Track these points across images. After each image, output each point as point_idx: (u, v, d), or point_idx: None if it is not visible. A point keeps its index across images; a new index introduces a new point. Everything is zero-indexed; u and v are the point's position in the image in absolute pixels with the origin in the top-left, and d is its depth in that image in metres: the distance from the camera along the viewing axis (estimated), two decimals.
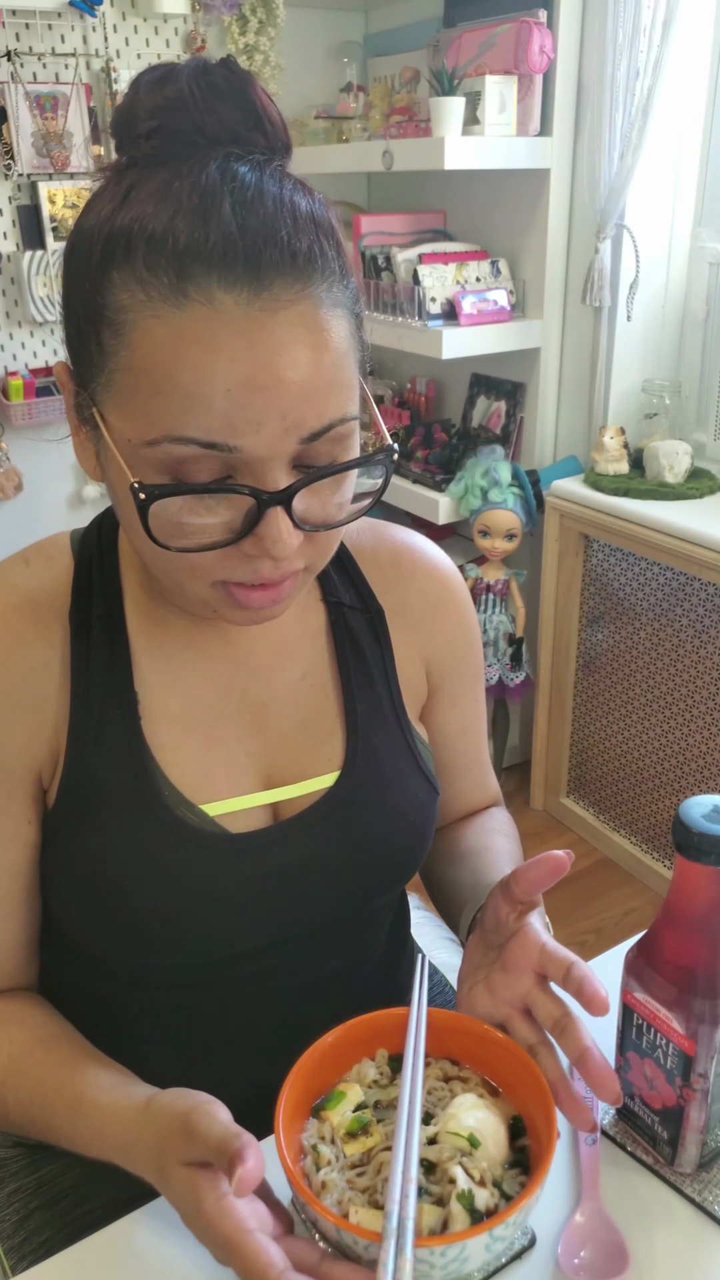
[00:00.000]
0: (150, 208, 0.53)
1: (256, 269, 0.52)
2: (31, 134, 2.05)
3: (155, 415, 0.53)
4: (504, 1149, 0.60)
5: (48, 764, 0.69)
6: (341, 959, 0.78)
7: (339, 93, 2.42)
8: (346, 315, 0.57)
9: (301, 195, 0.56)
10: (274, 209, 0.53)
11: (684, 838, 0.59)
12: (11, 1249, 0.77)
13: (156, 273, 0.52)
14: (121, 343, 0.54)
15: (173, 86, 0.55)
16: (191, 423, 0.53)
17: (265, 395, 0.53)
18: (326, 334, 0.55)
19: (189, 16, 2.15)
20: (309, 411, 0.54)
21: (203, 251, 0.52)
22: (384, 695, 0.76)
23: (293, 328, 0.53)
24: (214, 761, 0.71)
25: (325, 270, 0.55)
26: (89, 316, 0.55)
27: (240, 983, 0.74)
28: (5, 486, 2.24)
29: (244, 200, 0.53)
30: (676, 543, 1.81)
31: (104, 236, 0.54)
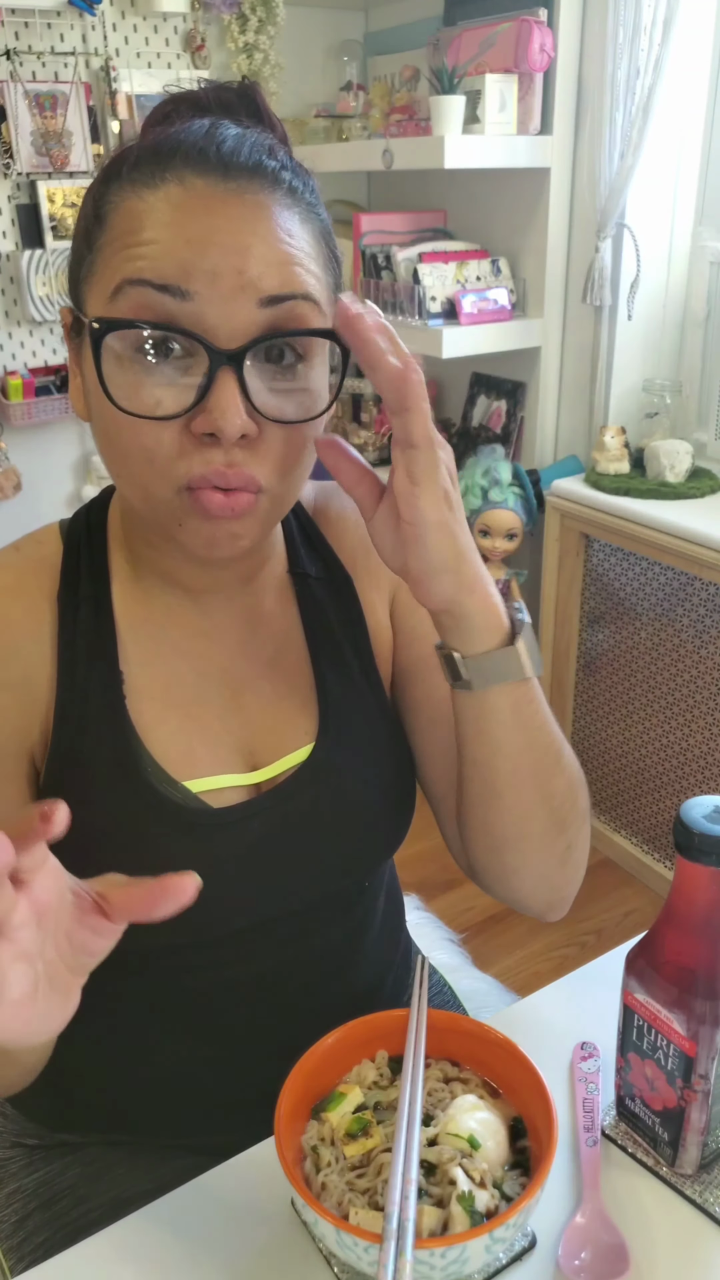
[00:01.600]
0: (146, 142, 0.60)
1: (227, 165, 0.58)
2: (30, 133, 2.05)
3: (119, 267, 0.57)
4: (504, 1150, 0.60)
5: (39, 742, 0.69)
6: (334, 940, 0.79)
7: (339, 91, 2.42)
8: (317, 223, 0.62)
9: (282, 149, 0.62)
10: (255, 139, 0.60)
11: (685, 838, 0.59)
12: (10, 1249, 0.77)
13: (142, 164, 0.58)
14: (103, 227, 0.59)
15: (186, 93, 0.63)
16: (149, 267, 0.56)
17: (223, 251, 0.56)
18: (292, 225, 0.59)
19: (188, 15, 2.14)
20: (267, 273, 0.57)
21: (184, 151, 0.58)
22: (354, 664, 0.76)
23: (256, 211, 0.58)
24: (195, 739, 0.72)
25: (294, 184, 0.60)
26: (84, 229, 0.61)
27: (233, 964, 0.74)
28: (4, 486, 2.24)
29: (227, 135, 0.59)
30: (677, 542, 1.81)
31: (104, 170, 0.61)
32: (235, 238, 0.56)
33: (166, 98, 0.64)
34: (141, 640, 0.71)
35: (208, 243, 0.56)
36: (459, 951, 1.11)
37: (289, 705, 0.74)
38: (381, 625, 0.79)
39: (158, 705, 0.71)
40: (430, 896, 2.09)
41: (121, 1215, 0.65)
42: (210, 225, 0.56)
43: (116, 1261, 0.63)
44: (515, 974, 1.90)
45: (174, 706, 0.71)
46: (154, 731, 0.70)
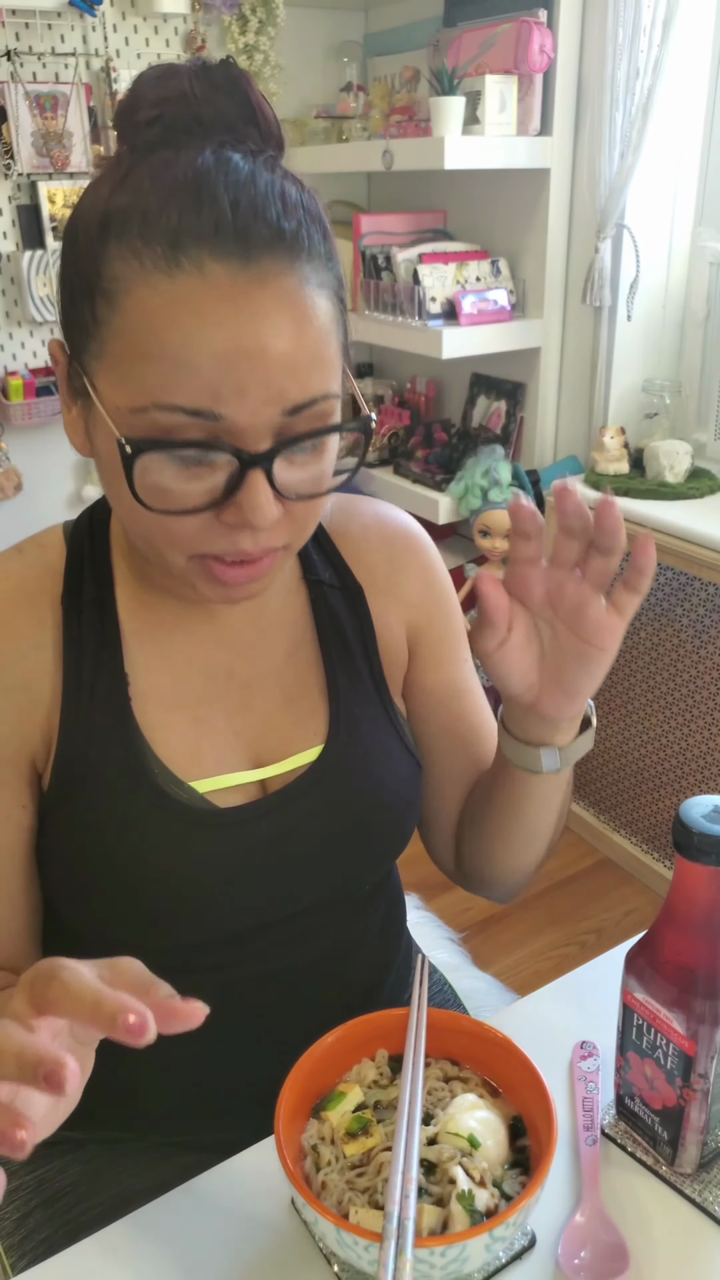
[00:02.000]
0: (146, 186, 0.56)
1: (246, 243, 0.55)
2: (31, 133, 2.05)
3: (144, 381, 0.55)
4: (504, 1149, 0.60)
5: (41, 747, 0.69)
6: (336, 941, 0.79)
7: (339, 92, 2.42)
8: (331, 297, 0.59)
9: (292, 184, 0.58)
10: (265, 191, 0.56)
11: (684, 838, 0.59)
12: (11, 1247, 0.77)
13: (152, 245, 0.55)
14: (114, 310, 0.56)
15: (174, 82, 0.58)
16: (178, 389, 0.55)
17: (250, 363, 0.55)
18: (311, 310, 0.57)
19: (189, 16, 2.14)
20: (292, 383, 0.56)
21: (195, 227, 0.54)
22: (365, 671, 0.77)
23: (279, 299, 0.55)
24: (202, 740, 0.72)
25: (312, 251, 0.57)
26: (84, 288, 0.57)
27: (238, 964, 0.74)
28: (5, 486, 2.24)
29: (236, 181, 0.56)
30: (677, 543, 1.81)
31: (101, 214, 0.57)
32: (260, 342, 0.55)
33: (148, 93, 0.59)
34: (147, 643, 0.71)
35: (235, 354, 0.54)
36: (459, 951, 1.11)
37: (299, 707, 0.75)
38: (396, 640, 0.80)
39: (164, 707, 0.71)
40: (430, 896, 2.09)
41: (122, 1213, 0.66)
42: (236, 334, 0.54)
43: (117, 1259, 0.63)
44: (515, 973, 1.90)
45: (180, 708, 0.71)
46: (160, 733, 0.70)
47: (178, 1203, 0.66)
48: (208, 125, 0.58)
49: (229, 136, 0.58)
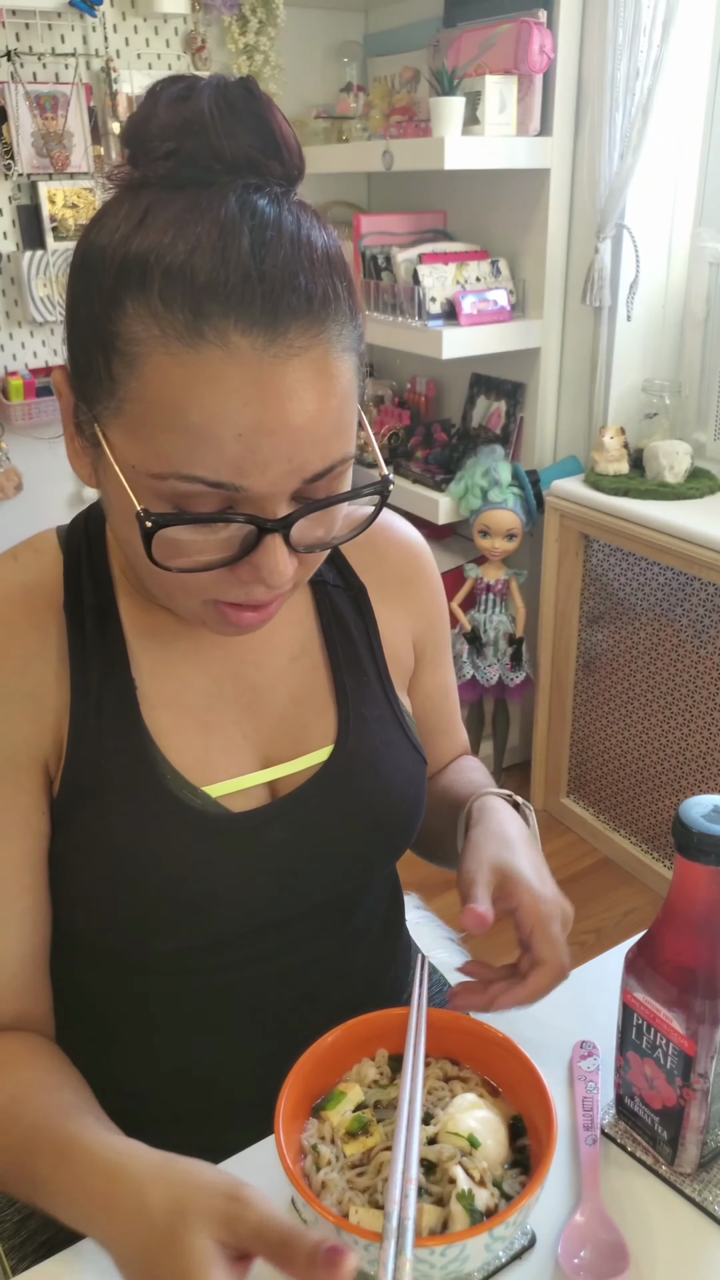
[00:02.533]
0: (168, 238, 0.53)
1: (274, 313, 0.52)
2: (31, 134, 2.05)
3: (163, 450, 0.54)
4: (504, 1149, 0.60)
5: (53, 753, 0.69)
6: (339, 938, 0.79)
7: (339, 93, 2.42)
8: (353, 356, 0.58)
9: (317, 230, 0.56)
10: (292, 249, 0.54)
11: (684, 838, 0.59)
12: (12, 1249, 0.77)
13: (172, 309, 0.52)
14: (132, 374, 0.54)
15: (193, 105, 0.55)
16: (199, 463, 0.54)
17: (273, 440, 0.54)
18: (335, 379, 0.56)
19: (189, 16, 2.14)
20: (314, 454, 0.56)
21: (221, 292, 0.52)
22: (371, 670, 0.78)
23: (304, 373, 0.54)
24: (212, 744, 0.72)
25: (338, 314, 0.56)
26: (97, 339, 0.55)
27: (246, 964, 0.74)
28: (5, 486, 2.24)
29: (263, 240, 0.53)
30: (676, 543, 1.81)
31: (118, 260, 0.54)
32: (285, 419, 0.54)
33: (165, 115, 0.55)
34: (152, 649, 0.71)
35: (259, 433, 0.53)
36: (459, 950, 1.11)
37: (307, 708, 0.75)
38: (401, 644, 0.82)
39: (172, 712, 0.71)
40: (430, 896, 2.09)
41: None
42: (261, 412, 0.53)
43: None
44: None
45: (188, 713, 0.71)
46: (170, 739, 0.70)
47: None
48: (227, 160, 0.55)
49: (251, 176, 0.55)
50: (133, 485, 0.56)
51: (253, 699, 0.74)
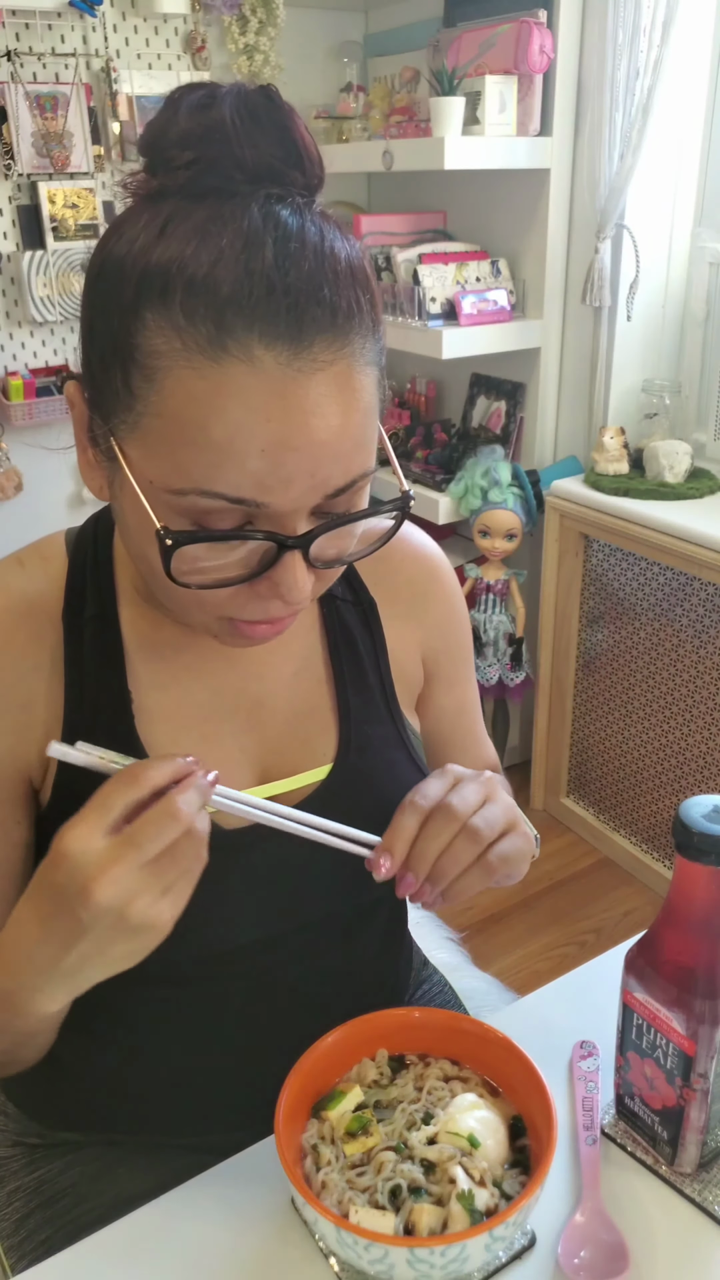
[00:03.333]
0: (190, 249, 0.52)
1: (298, 327, 0.52)
2: (31, 134, 2.05)
3: (184, 466, 0.53)
4: (504, 1149, 0.60)
5: (37, 764, 0.69)
6: (339, 954, 0.79)
7: (339, 93, 2.42)
8: (375, 369, 0.57)
9: (340, 241, 0.55)
10: (316, 261, 0.53)
11: (684, 838, 0.59)
12: (11, 1248, 0.77)
13: (195, 322, 0.51)
14: (152, 388, 0.53)
15: (214, 113, 0.54)
16: (221, 479, 0.53)
17: (297, 456, 0.53)
18: (358, 393, 0.55)
19: (189, 16, 2.14)
20: (336, 470, 0.55)
21: (245, 305, 0.51)
22: (376, 687, 0.77)
23: (328, 388, 0.53)
24: (209, 758, 0.71)
25: (361, 327, 0.55)
26: (115, 352, 0.54)
27: (238, 978, 0.74)
28: (5, 486, 2.24)
29: (287, 251, 0.52)
30: (676, 543, 1.81)
31: (138, 271, 0.53)
32: (309, 435, 0.53)
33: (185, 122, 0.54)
34: (152, 661, 0.70)
35: (282, 449, 0.52)
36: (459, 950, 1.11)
37: (308, 725, 0.74)
38: (410, 659, 0.81)
39: (170, 726, 0.70)
40: None
41: (122, 1214, 0.66)
42: (284, 428, 0.52)
43: (116, 1260, 0.63)
44: (515, 973, 1.90)
45: (187, 727, 0.71)
46: (165, 751, 0.69)
47: (177, 1203, 0.66)
48: (249, 170, 0.54)
49: (272, 185, 0.54)
50: (150, 501, 0.56)
51: (253, 712, 0.73)
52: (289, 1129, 0.58)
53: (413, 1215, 0.56)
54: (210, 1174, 0.68)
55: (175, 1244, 0.63)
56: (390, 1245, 0.52)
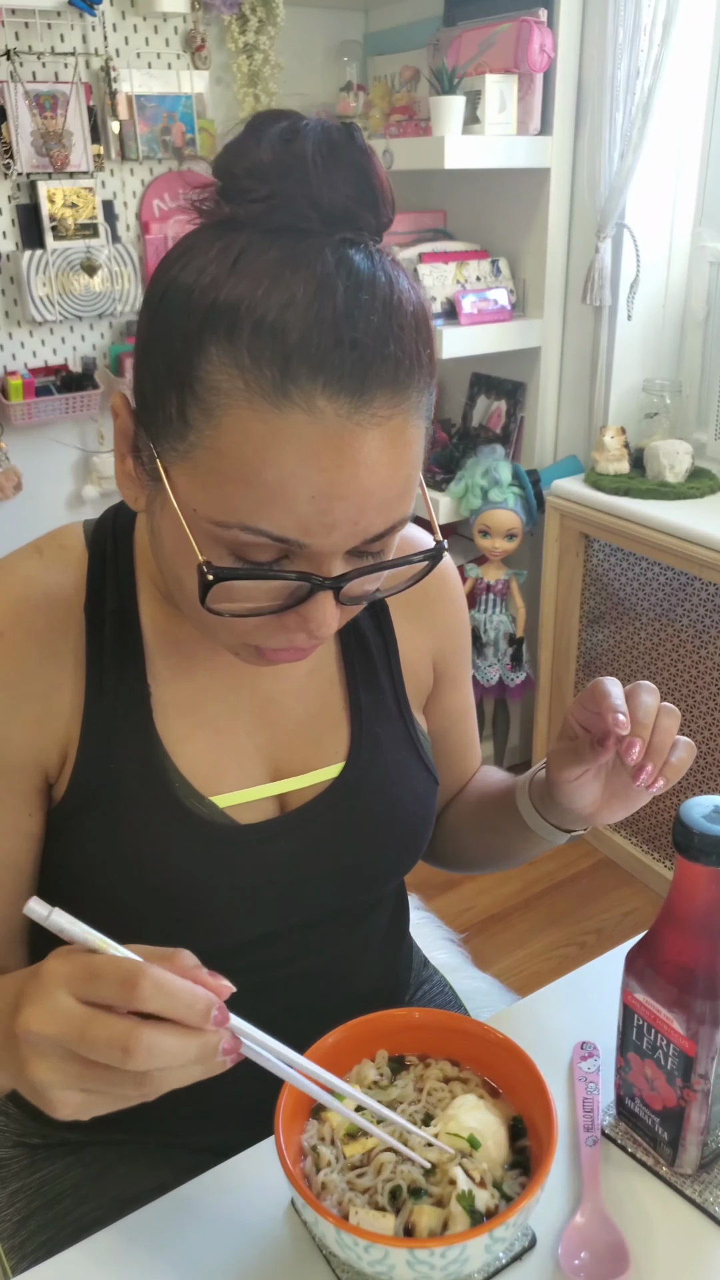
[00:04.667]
0: (261, 289, 0.51)
1: (362, 381, 0.52)
2: (31, 133, 2.05)
3: (232, 502, 0.54)
4: (504, 1150, 0.60)
5: (55, 757, 0.69)
6: (342, 949, 0.79)
7: (339, 92, 2.42)
8: (425, 422, 0.58)
9: (407, 290, 0.55)
10: (384, 314, 0.53)
11: (684, 838, 0.59)
12: (12, 1249, 0.77)
13: (260, 365, 0.51)
14: (209, 423, 0.53)
15: (296, 149, 0.53)
16: (267, 518, 0.54)
17: (344, 505, 0.54)
18: (409, 447, 0.56)
19: (189, 15, 2.14)
20: (378, 518, 0.56)
21: (312, 354, 0.51)
22: (387, 688, 0.78)
23: (382, 441, 0.54)
24: (223, 754, 0.72)
25: (420, 382, 0.55)
26: (174, 380, 0.54)
27: (242, 972, 0.74)
28: (5, 486, 2.24)
29: (357, 302, 0.52)
30: (677, 542, 1.81)
31: (206, 304, 0.52)
32: (358, 487, 0.54)
33: (267, 154, 0.53)
34: (170, 655, 0.71)
35: (330, 497, 0.53)
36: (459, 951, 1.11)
37: (320, 724, 0.75)
38: (420, 662, 0.81)
39: (186, 721, 0.71)
40: (430, 896, 2.09)
41: (123, 1215, 0.66)
42: (336, 478, 0.53)
43: (117, 1261, 0.63)
44: (515, 974, 1.90)
45: (202, 723, 0.71)
46: (181, 746, 0.70)
47: (178, 1204, 0.66)
48: (324, 210, 0.53)
49: (346, 225, 0.54)
50: (192, 528, 0.56)
51: (267, 710, 0.74)
52: (289, 1130, 0.58)
53: (413, 1216, 0.56)
54: (211, 1175, 0.68)
55: (176, 1245, 0.63)
56: (390, 1246, 0.52)
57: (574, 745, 0.70)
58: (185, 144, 2.20)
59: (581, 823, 0.76)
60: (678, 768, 0.66)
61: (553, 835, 0.79)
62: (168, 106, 2.17)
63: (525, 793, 0.79)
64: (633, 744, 0.64)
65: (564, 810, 0.74)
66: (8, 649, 0.67)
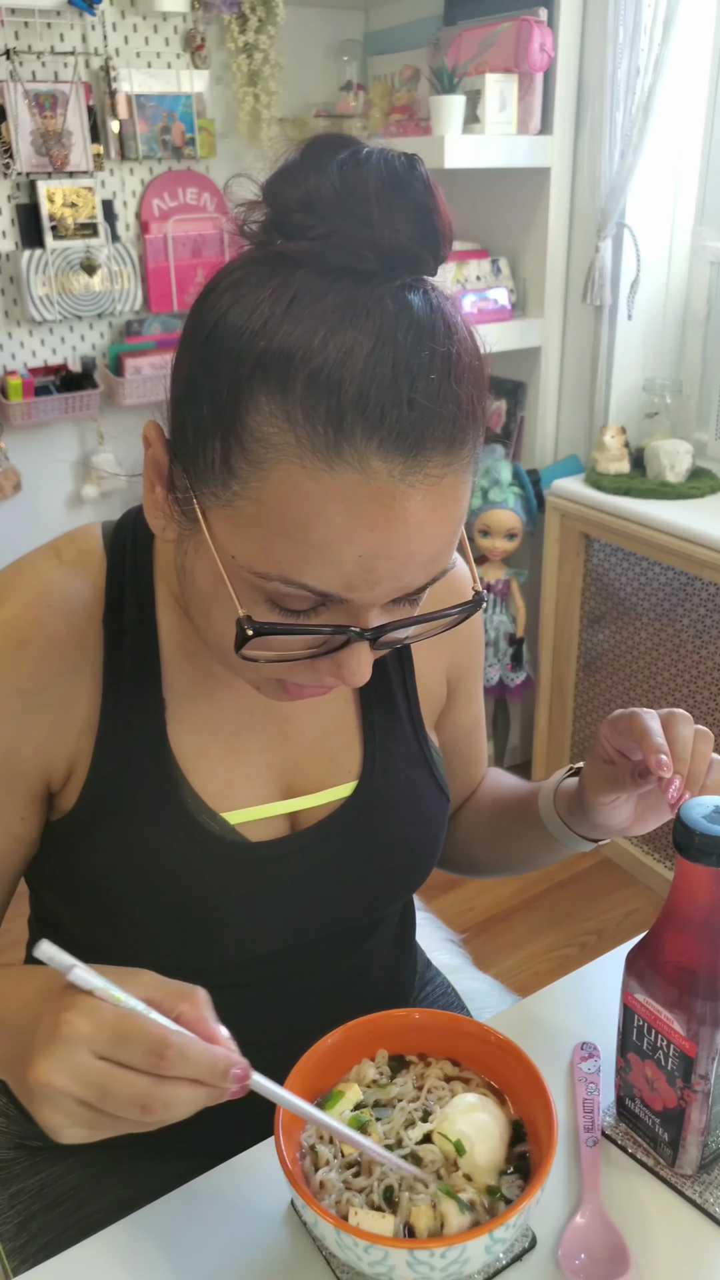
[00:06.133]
0: (317, 339, 0.49)
1: (418, 443, 0.50)
2: (30, 132, 2.04)
3: (276, 555, 0.52)
4: (498, 1152, 0.60)
5: (62, 767, 0.68)
6: (349, 963, 0.79)
7: (339, 91, 2.41)
8: (473, 475, 0.56)
9: (464, 339, 0.53)
10: (443, 370, 0.51)
11: (685, 838, 0.59)
12: (14, 1250, 0.77)
13: (314, 421, 0.49)
14: (256, 474, 0.51)
15: (355, 183, 0.50)
16: (311, 573, 0.52)
17: (391, 564, 0.53)
18: (459, 505, 0.55)
19: (188, 15, 2.14)
20: (421, 574, 0.55)
21: (370, 411, 0.49)
22: (402, 706, 0.77)
23: (434, 500, 0.52)
24: (236, 771, 0.71)
25: (473, 439, 0.54)
26: (218, 424, 0.52)
27: (248, 986, 0.74)
28: (4, 486, 2.24)
29: (418, 359, 0.50)
30: (677, 542, 1.81)
31: (258, 349, 0.50)
32: (406, 547, 0.52)
33: (325, 186, 0.50)
34: (186, 670, 0.70)
35: (378, 556, 0.52)
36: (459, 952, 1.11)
37: (334, 743, 0.75)
38: (435, 680, 0.81)
39: (200, 736, 0.70)
40: (430, 897, 2.09)
41: (123, 1216, 0.66)
42: (385, 539, 0.51)
43: (118, 1262, 0.63)
44: (516, 974, 1.90)
45: (216, 739, 0.71)
46: (195, 762, 0.69)
47: (178, 1205, 0.66)
48: (383, 251, 0.51)
49: (406, 268, 0.52)
50: (230, 574, 0.55)
51: (282, 728, 0.73)
52: (289, 1130, 0.58)
53: (412, 1217, 0.56)
54: (210, 1175, 0.68)
55: (177, 1246, 0.63)
56: (390, 1247, 0.52)
57: (611, 771, 0.71)
58: (185, 143, 2.20)
59: (611, 835, 0.77)
60: (714, 789, 0.67)
61: (577, 845, 0.79)
62: (167, 106, 2.17)
63: (550, 803, 0.79)
64: (673, 782, 0.65)
65: (595, 825, 0.75)
66: (30, 656, 0.65)
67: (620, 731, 0.68)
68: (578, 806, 0.75)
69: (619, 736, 0.69)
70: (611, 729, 0.69)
